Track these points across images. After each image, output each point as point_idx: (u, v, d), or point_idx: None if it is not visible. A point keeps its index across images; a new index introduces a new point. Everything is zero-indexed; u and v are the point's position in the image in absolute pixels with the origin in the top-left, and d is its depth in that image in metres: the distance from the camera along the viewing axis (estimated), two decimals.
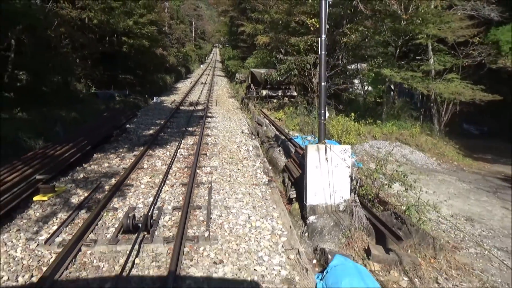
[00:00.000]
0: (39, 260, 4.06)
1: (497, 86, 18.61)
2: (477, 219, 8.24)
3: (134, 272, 3.92)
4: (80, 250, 4.30)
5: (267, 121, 14.09)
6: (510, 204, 9.70)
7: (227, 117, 14.53)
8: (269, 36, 19.61)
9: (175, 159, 8.06)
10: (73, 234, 4.50)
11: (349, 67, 20.20)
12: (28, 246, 4.32)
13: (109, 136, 9.66)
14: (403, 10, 14.06)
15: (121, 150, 8.76)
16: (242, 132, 11.54)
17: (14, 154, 6.83)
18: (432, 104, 19.35)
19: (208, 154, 8.56)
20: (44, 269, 3.81)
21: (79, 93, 13.49)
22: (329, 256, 4.40)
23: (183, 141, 9.82)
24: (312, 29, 15.32)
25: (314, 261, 4.92)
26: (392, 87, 22.75)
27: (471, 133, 23.22)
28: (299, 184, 6.74)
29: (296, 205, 6.64)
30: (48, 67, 11.00)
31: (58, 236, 4.58)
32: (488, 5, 15.91)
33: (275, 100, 18.90)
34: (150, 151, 8.64)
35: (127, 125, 11.43)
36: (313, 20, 15.06)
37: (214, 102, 19.12)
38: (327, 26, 15.30)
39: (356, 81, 22.55)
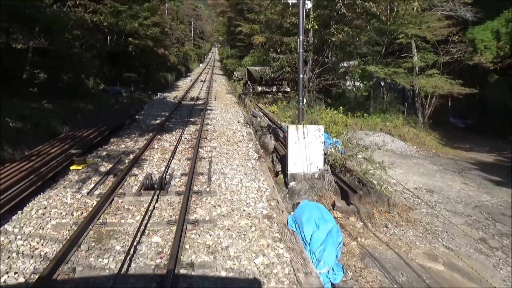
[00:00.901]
0: (85, 205, 5.51)
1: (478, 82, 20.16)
2: (437, 191, 9.72)
3: (155, 212, 5.37)
4: (113, 199, 5.74)
5: (261, 113, 15.52)
6: (469, 180, 11.18)
7: (225, 110, 16.00)
8: (264, 36, 21.00)
9: (180, 142, 9.52)
10: (106, 189, 5.93)
11: (341, 64, 21.62)
12: (75, 196, 5.77)
13: (122, 124, 11.11)
14: (388, 12, 15.47)
15: (134, 135, 10.22)
16: (238, 122, 12.99)
17: (48, 136, 8.28)
18: (416, 98, 20.78)
19: (208, 138, 10.03)
20: (90, 209, 5.24)
21: (90, 89, 14.93)
22: (300, 202, 5.85)
23: (186, 128, 11.28)
24: None
25: (292, 213, 6.36)
26: (382, 84, 24.20)
27: (457, 126, 24.65)
28: (284, 160, 8.19)
29: (281, 176, 8.10)
30: (65, 65, 12.42)
31: (95, 190, 6.03)
32: (464, 6, 17.34)
33: (269, 96, 20.37)
34: (159, 136, 10.09)
35: (136, 116, 12.89)
36: None
37: (213, 97, 20.57)
38: (316, 27, 16.72)
39: (348, 77, 23.97)
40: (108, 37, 17.40)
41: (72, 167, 7.02)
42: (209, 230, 4.80)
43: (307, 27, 16.27)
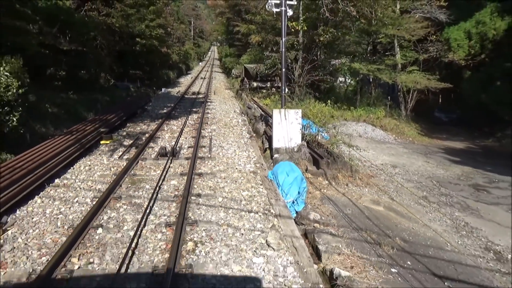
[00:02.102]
0: (118, 164, 7.39)
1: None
2: (400, 166, 11.63)
3: (171, 169, 7.26)
4: (138, 162, 7.62)
5: (255, 105, 17.38)
6: (432, 159, 13.05)
7: (223, 102, 17.90)
8: (261, 35, 22.78)
9: (186, 125, 11.42)
10: (132, 156, 7.81)
11: (332, 62, 23.48)
12: (109, 159, 7.66)
13: (135, 113, 12.99)
14: (373, 14, 17.29)
15: (146, 121, 12.11)
16: (235, 112, 14.88)
17: (78, 119, 10.16)
18: (399, 93, 22.67)
19: (208, 123, 11.93)
20: (122, 167, 7.12)
21: (104, 84, 16.81)
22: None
23: (189, 116, 13.17)
24: (293, 30, 18.61)
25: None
26: (371, 80, 26.06)
27: (441, 120, 26.46)
28: (271, 138, 10.06)
29: (268, 152, 9.98)
30: (85, 63, 14.29)
31: (124, 156, 7.92)
32: (440, 9, 19.23)
33: (264, 90, 22.25)
34: (167, 122, 11.98)
35: (146, 107, 14.78)
36: (293, 23, 18.33)
37: (213, 92, 22.46)
38: (305, 28, 18.56)
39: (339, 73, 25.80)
40: (118, 38, 19.24)
41: (102, 142, 8.90)
42: (211, 178, 6.70)
43: (297, 28, 18.15)
